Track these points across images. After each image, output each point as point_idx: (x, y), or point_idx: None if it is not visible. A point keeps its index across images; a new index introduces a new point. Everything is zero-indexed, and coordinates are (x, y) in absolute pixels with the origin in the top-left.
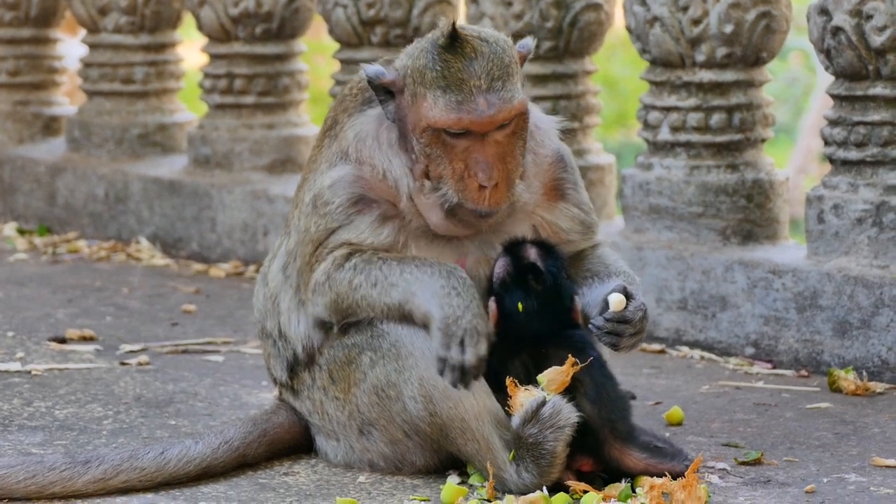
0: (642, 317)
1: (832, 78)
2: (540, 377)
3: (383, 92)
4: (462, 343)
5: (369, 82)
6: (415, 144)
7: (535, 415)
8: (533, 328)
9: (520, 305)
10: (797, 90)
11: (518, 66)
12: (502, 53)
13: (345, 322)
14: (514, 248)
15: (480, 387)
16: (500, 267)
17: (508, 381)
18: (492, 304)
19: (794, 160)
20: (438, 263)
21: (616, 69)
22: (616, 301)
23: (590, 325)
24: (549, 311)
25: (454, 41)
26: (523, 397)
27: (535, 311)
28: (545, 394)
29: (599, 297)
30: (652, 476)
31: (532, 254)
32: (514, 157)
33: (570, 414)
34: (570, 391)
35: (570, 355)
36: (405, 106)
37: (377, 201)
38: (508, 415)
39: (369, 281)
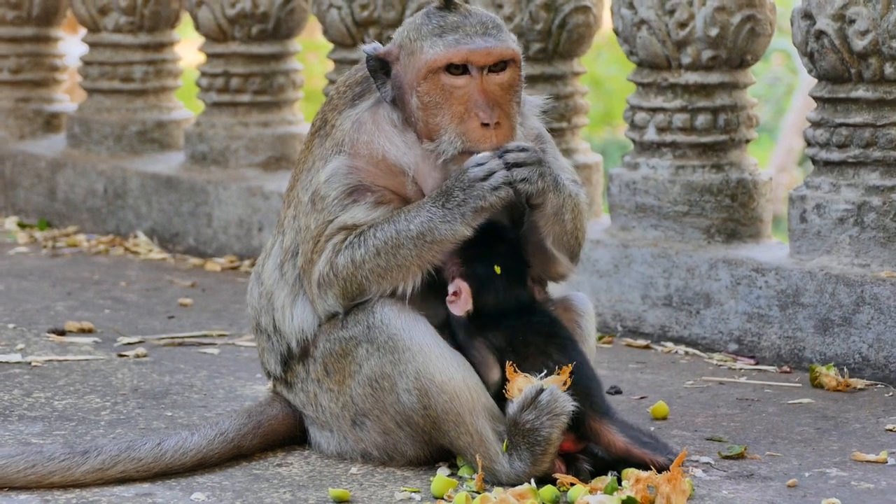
0: (527, 151)
1: (814, 80)
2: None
3: (381, 72)
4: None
5: (367, 61)
6: (414, 103)
7: (533, 401)
8: (509, 293)
9: (497, 268)
10: (779, 90)
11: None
12: (494, 18)
13: (353, 305)
14: None
15: (475, 383)
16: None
17: (508, 366)
18: (461, 283)
19: (775, 159)
20: (421, 204)
21: (602, 69)
22: None
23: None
24: (518, 270)
25: (449, 3)
26: (522, 383)
27: (510, 271)
28: (543, 382)
29: None
30: (632, 460)
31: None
32: (512, 108)
33: (566, 402)
34: (547, 368)
35: (568, 364)
36: (401, 72)
37: (372, 189)
38: (502, 402)
39: (369, 253)
